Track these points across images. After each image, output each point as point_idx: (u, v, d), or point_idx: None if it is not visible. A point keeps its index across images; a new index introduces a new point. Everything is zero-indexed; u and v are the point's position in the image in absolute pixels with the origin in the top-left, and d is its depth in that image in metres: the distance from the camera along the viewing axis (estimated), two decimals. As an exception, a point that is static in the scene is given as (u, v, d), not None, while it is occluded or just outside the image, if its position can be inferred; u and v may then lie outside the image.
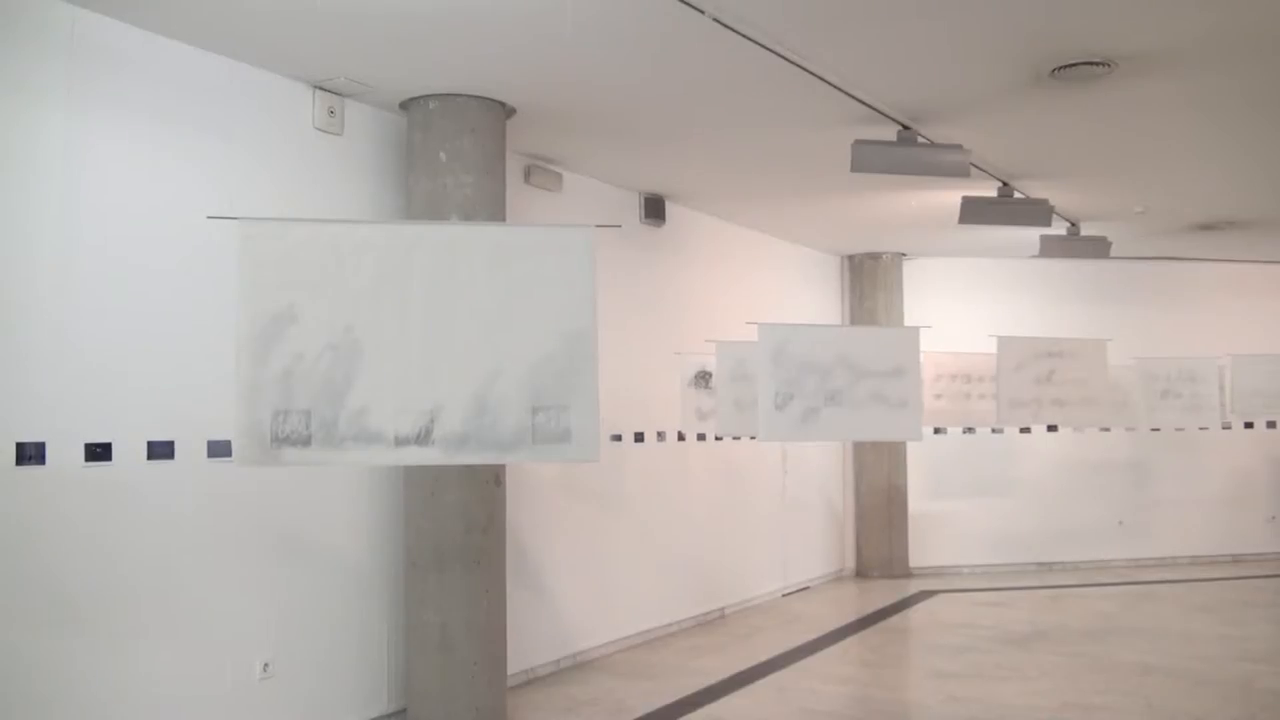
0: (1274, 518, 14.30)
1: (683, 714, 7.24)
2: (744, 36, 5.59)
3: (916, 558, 13.09)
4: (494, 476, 6.78)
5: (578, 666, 8.46)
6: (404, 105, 6.82)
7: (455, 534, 6.63)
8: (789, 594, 11.68)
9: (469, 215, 6.60)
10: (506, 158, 7.01)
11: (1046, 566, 13.43)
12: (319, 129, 6.55)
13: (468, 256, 5.08)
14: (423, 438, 4.95)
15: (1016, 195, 8.90)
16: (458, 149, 6.65)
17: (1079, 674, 8.42)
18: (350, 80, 6.43)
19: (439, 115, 6.68)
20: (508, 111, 6.91)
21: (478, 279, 5.06)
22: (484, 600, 6.75)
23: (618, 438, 8.99)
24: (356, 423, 4.88)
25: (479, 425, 5.00)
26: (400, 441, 4.93)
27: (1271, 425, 13.82)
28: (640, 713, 7.26)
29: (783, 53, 5.89)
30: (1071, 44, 6.04)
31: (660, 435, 9.56)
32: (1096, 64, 6.29)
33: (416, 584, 6.72)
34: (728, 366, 8.45)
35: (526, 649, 7.85)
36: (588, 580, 8.67)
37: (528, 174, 8.13)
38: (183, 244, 5.69)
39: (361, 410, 4.89)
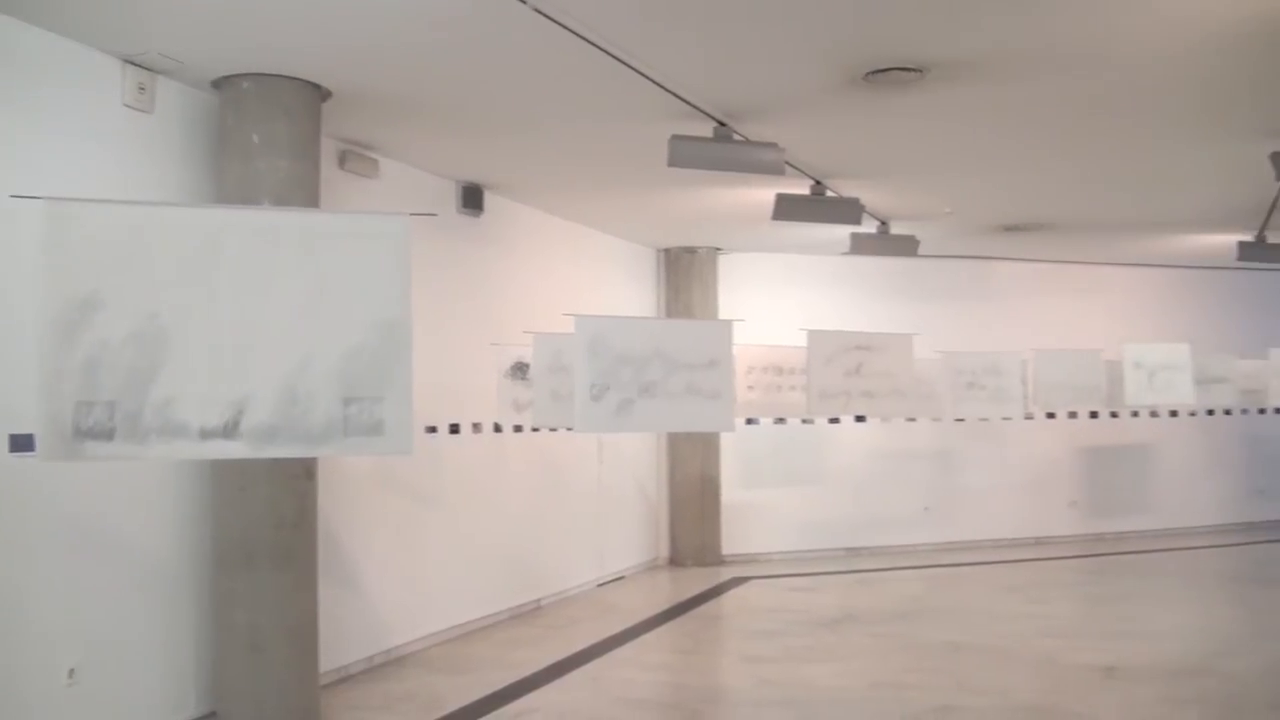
0: (1075, 502, 15.03)
1: (498, 707, 7.21)
2: (565, 28, 5.57)
3: (729, 545, 13.31)
4: (305, 470, 6.62)
5: (392, 662, 8.34)
6: (216, 84, 6.55)
7: (265, 530, 6.45)
8: (604, 584, 11.73)
9: (282, 200, 6.41)
10: (321, 142, 6.84)
11: (855, 552, 13.80)
12: (128, 106, 6.24)
13: (279, 243, 4.95)
14: (230, 430, 4.81)
15: (829, 194, 9.09)
16: (271, 131, 6.45)
17: (888, 654, 8.68)
18: (162, 56, 6.13)
19: (252, 95, 6.46)
20: (323, 94, 6.73)
21: (289, 266, 4.93)
22: (295, 598, 6.60)
23: (432, 429, 8.88)
24: (161, 414, 4.70)
25: (288, 417, 4.88)
26: (206, 434, 4.78)
27: (1073, 416, 14.51)
28: (455, 707, 7.20)
29: (603, 46, 5.89)
30: (884, 50, 6.20)
31: (476, 427, 9.48)
32: (908, 70, 6.47)
33: (226, 582, 6.51)
34: (544, 358, 8.42)
35: (340, 646, 7.69)
36: (402, 574, 8.54)
37: (343, 159, 7.95)
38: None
39: (167, 401, 4.71)
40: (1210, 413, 15.25)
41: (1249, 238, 11.58)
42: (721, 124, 7.19)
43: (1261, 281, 15.66)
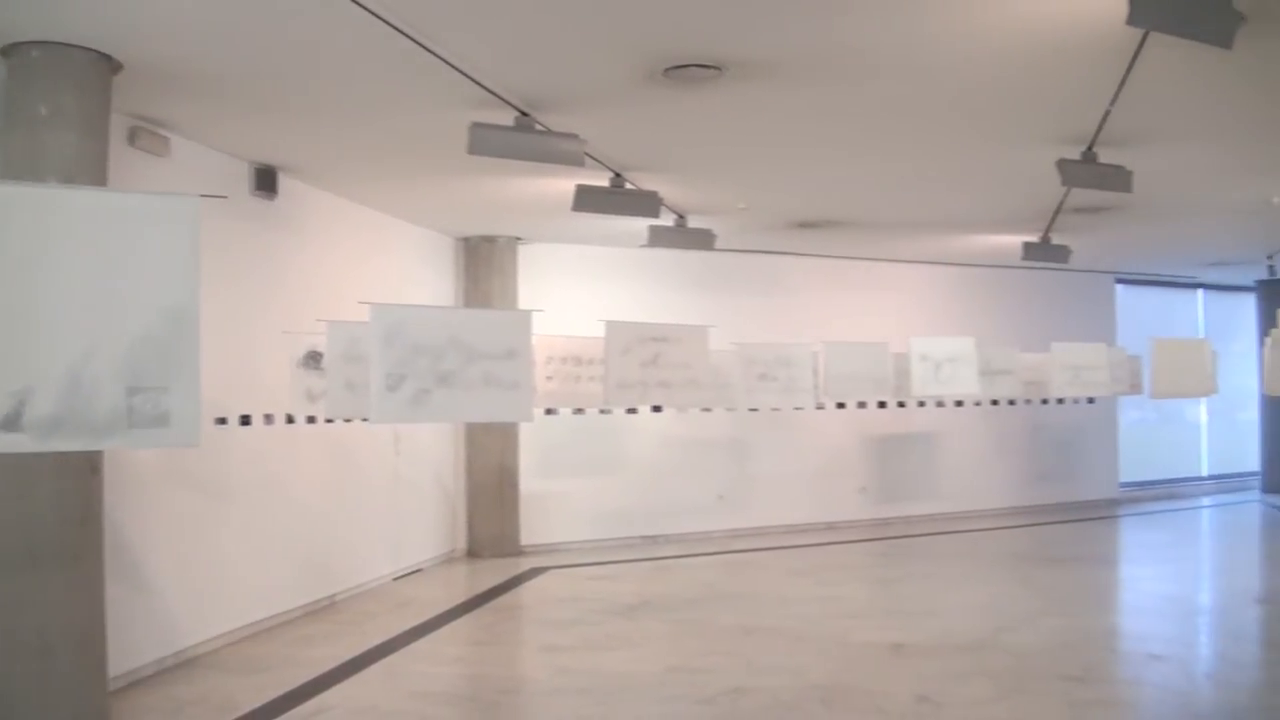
0: (864, 489, 15.55)
1: (293, 706, 7.05)
2: (365, 9, 5.47)
3: (528, 536, 13.31)
4: (90, 464, 6.32)
5: (184, 664, 8.03)
6: (5, 51, 6.17)
7: (49, 528, 6.14)
8: (401, 577, 11.59)
9: (69, 177, 6.08)
10: (111, 117, 6.54)
11: (652, 539, 13.98)
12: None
13: (64, 222, 4.72)
14: (11, 422, 4.57)
15: (628, 186, 9.16)
16: (59, 104, 6.12)
17: (683, 639, 8.83)
18: (-47, 18, 5.77)
19: (41, 65, 6.11)
20: (114, 66, 6.40)
21: (74, 248, 4.72)
22: (82, 599, 6.31)
23: (222, 421, 8.60)
24: (-58, 406, 4.45)
25: (72, 408, 4.66)
26: (-12, 427, 4.54)
27: (862, 406, 14.94)
28: (249, 708, 7.00)
29: (404, 30, 5.80)
30: (683, 46, 6.30)
31: (268, 418, 9.23)
32: (706, 67, 6.58)
33: (8, 584, 6.14)
34: (339, 347, 8.27)
35: (129, 649, 7.37)
36: (193, 572, 8.23)
37: (133, 136, 7.57)
38: None
39: (-53, 392, 4.46)
40: (994, 403, 15.97)
41: (1034, 239, 12.22)
42: (523, 113, 7.18)
43: (1044, 280, 16.53)
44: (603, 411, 12.68)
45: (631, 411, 13.33)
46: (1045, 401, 16.01)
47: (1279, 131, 8.46)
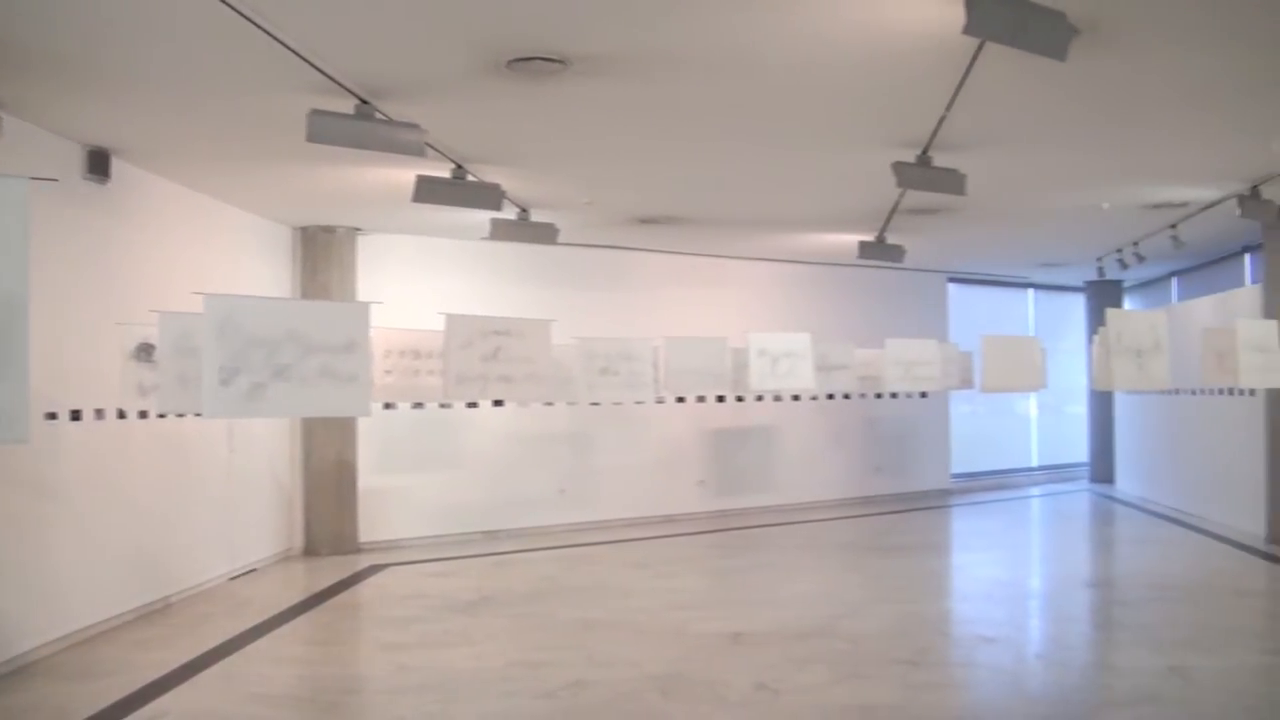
0: (703, 482, 15.75)
1: (129, 712, 6.82)
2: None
3: (366, 532, 13.14)
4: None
5: (15, 672, 7.67)
6: None
7: None
8: (237, 577, 11.31)
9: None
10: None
11: (492, 534, 13.93)
12: None
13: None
14: None
15: (470, 178, 9.11)
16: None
17: (524, 634, 8.82)
18: None
19: None
20: (-58, 42, 6.13)
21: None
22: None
23: (53, 416, 8.27)
24: None
25: (-110, 402, 4.47)
26: None
27: (701, 400, 15.15)
28: (85, 715, 6.74)
29: (242, 10, 5.65)
30: (527, 39, 6.30)
31: (99, 413, 8.89)
32: (550, 60, 6.59)
33: None
34: (171, 339, 8.05)
35: (-46, 657, 7.06)
36: (22, 575, 7.86)
37: (-39, 116, 7.26)
38: None
39: None
40: (830, 397, 16.38)
41: (870, 238, 12.54)
42: (364, 101, 7.08)
43: (879, 278, 17.03)
44: (443, 405, 12.57)
45: (472, 405, 13.27)
46: (879, 396, 16.55)
47: (1109, 139, 8.87)
